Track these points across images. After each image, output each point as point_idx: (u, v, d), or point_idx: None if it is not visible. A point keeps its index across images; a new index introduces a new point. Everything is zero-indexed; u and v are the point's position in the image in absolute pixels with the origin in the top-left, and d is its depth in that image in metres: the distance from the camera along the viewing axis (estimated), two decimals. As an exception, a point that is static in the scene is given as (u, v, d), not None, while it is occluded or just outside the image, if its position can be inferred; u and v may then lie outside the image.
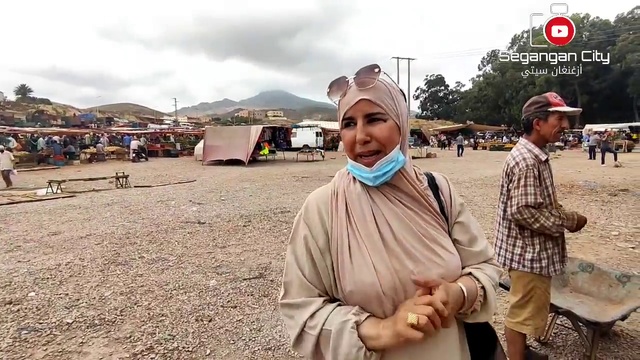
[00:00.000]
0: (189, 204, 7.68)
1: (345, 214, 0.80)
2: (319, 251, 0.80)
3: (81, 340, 2.61)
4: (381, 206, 0.80)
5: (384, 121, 0.76)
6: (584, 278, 2.62)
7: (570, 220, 1.88)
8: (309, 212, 0.83)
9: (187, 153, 24.98)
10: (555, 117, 1.84)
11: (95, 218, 6.53)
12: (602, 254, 4.29)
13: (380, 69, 0.78)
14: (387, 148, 0.77)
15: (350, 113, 0.77)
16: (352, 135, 0.77)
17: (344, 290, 0.77)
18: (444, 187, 0.90)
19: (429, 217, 0.82)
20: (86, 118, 49.30)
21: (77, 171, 15.42)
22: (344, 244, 0.78)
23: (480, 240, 0.89)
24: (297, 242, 0.83)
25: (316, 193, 0.87)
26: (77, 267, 4.07)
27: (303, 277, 0.80)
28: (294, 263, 0.82)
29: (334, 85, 0.81)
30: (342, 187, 0.84)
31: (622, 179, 10.47)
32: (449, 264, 0.79)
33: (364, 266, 0.75)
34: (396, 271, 0.75)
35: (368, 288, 0.74)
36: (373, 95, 0.76)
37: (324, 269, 0.80)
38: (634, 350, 2.39)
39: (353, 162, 0.80)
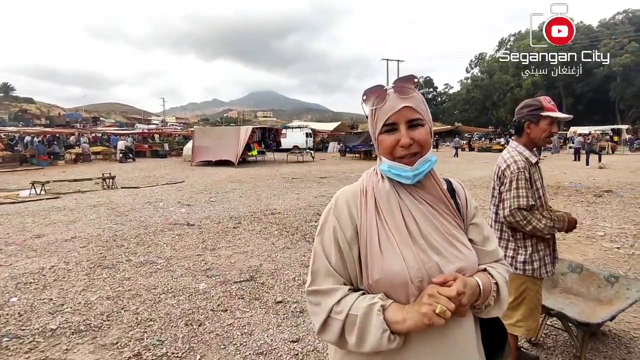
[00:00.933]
0: (177, 206, 7.57)
1: (375, 209, 0.86)
2: (346, 242, 0.86)
3: (66, 347, 2.53)
4: (408, 203, 0.86)
5: (422, 126, 0.85)
6: (574, 279, 2.66)
7: (561, 221, 1.89)
8: (338, 206, 0.89)
9: (176, 154, 24.67)
10: (546, 121, 1.85)
11: (80, 220, 6.38)
12: (589, 254, 4.36)
13: (418, 79, 0.87)
14: (424, 150, 0.85)
15: (393, 119, 0.84)
16: (393, 140, 0.84)
17: (371, 278, 0.82)
18: (460, 191, 0.98)
19: (449, 217, 0.88)
20: (71, 117, 48.36)
21: (61, 172, 15.07)
22: (373, 235, 0.84)
23: (493, 241, 0.96)
24: (326, 233, 0.88)
25: (345, 190, 0.93)
26: (61, 271, 3.96)
27: (329, 266, 0.85)
28: (321, 252, 0.87)
29: (373, 93, 0.87)
30: (371, 185, 0.90)
31: (606, 180, 10.71)
32: (469, 259, 0.86)
33: (393, 256, 0.81)
34: (423, 262, 0.81)
35: (397, 276, 0.80)
36: (413, 103, 0.84)
37: (350, 260, 0.86)
38: (622, 350, 2.43)
39: (392, 163, 0.85)
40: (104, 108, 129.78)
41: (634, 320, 2.79)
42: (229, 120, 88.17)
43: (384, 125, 0.85)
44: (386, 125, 0.85)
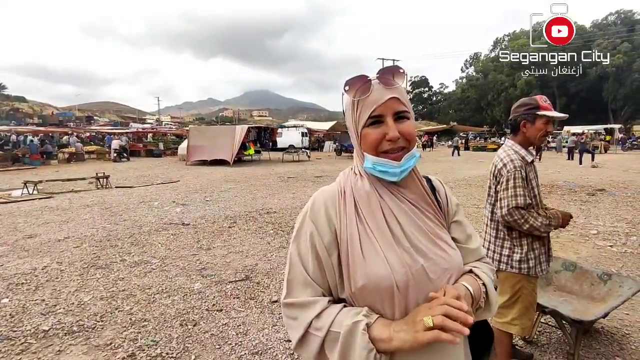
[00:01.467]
0: (172, 205, 7.52)
1: (355, 210, 0.81)
2: (324, 248, 0.80)
3: (58, 348, 2.50)
4: (389, 203, 0.82)
5: (408, 119, 0.81)
6: (567, 277, 2.68)
7: (556, 219, 1.90)
8: (314, 209, 0.84)
9: (171, 153, 24.50)
10: (542, 120, 1.86)
11: (74, 220, 6.32)
12: (582, 252, 4.40)
13: (404, 70, 0.82)
14: (411, 145, 0.81)
15: (379, 111, 0.78)
16: (379, 133, 0.79)
17: (354, 285, 0.77)
18: (440, 189, 0.94)
19: (432, 216, 0.85)
20: (65, 116, 47.89)
21: (54, 171, 14.91)
22: (355, 239, 0.78)
23: (475, 239, 0.93)
24: (302, 239, 0.83)
25: (322, 191, 0.88)
26: (54, 271, 3.91)
27: (307, 275, 0.80)
28: (298, 260, 0.82)
29: (357, 83, 0.80)
30: (350, 185, 0.85)
31: (599, 179, 10.81)
32: (454, 259, 0.82)
33: (377, 259, 0.76)
34: (409, 265, 0.77)
35: (382, 281, 0.75)
36: (400, 94, 0.80)
37: (329, 267, 0.80)
38: (614, 347, 2.45)
39: (377, 159, 0.80)
40: (97, 107, 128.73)
41: (626, 317, 2.81)
42: (225, 120, 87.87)
43: (370, 117, 0.79)
44: (371, 118, 0.79)
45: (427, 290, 0.77)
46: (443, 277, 0.80)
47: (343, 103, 0.86)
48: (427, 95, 69.57)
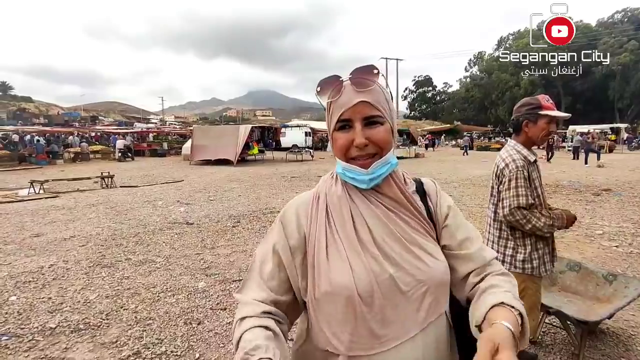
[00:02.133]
0: (176, 205, 7.57)
1: (325, 216, 0.79)
2: (289, 251, 0.79)
3: (65, 346, 2.53)
4: (361, 208, 0.78)
5: (381, 124, 0.75)
6: (572, 277, 2.66)
7: (560, 219, 1.90)
8: (287, 214, 0.83)
9: (175, 153, 24.63)
10: (544, 120, 1.85)
11: (79, 219, 6.37)
12: (588, 252, 4.37)
13: (379, 70, 0.75)
14: (383, 151, 0.75)
15: (347, 115, 0.74)
16: (347, 139, 0.74)
17: (318, 291, 0.74)
18: (431, 192, 0.87)
19: (413, 222, 0.78)
20: (70, 116, 48.27)
21: (60, 171, 15.04)
22: (322, 244, 0.76)
23: (474, 242, 0.82)
24: (268, 241, 0.82)
25: (298, 197, 0.87)
26: (60, 269, 3.95)
27: (260, 278, 0.79)
28: (258, 265, 0.81)
29: (327, 85, 0.76)
30: (324, 190, 0.83)
31: (605, 179, 10.73)
32: (433, 269, 0.75)
33: (341, 266, 0.73)
34: (374, 273, 0.72)
35: (343, 289, 0.71)
36: (371, 98, 0.73)
37: (292, 269, 0.78)
38: (620, 348, 2.44)
39: (345, 165, 0.76)
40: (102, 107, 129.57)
41: (632, 318, 2.80)
42: (228, 119, 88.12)
43: (338, 121, 0.75)
44: (340, 122, 0.75)
45: (398, 303, 0.72)
46: (417, 289, 0.73)
47: (320, 102, 0.82)
48: (430, 94, 69.29)
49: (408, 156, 21.24)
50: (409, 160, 19.63)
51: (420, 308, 0.74)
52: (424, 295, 0.74)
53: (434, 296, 0.75)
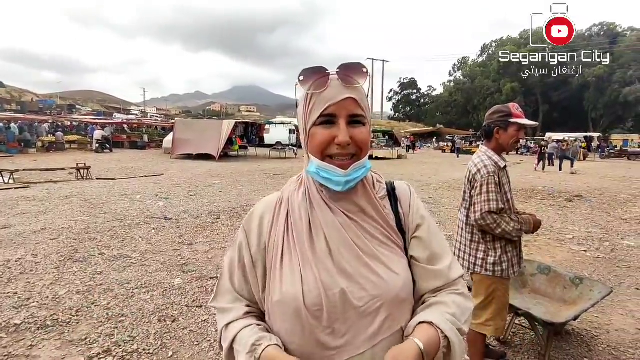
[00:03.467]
0: (155, 199, 7.40)
1: (285, 223, 0.77)
2: (251, 260, 0.78)
3: (31, 343, 2.43)
4: (321, 216, 0.74)
5: (363, 125, 0.72)
6: (542, 280, 2.76)
7: (528, 224, 1.97)
8: (251, 219, 0.82)
9: (155, 145, 24.09)
10: (514, 128, 1.92)
11: (51, 211, 6.15)
12: (558, 256, 4.54)
13: (368, 70, 0.73)
14: (362, 153, 0.72)
15: (333, 110, 0.70)
16: (329, 135, 0.70)
17: (271, 301, 0.74)
18: (404, 199, 0.82)
19: (375, 231, 0.75)
20: (45, 104, 46.46)
21: (32, 160, 14.47)
22: (278, 253, 0.75)
23: (444, 259, 0.79)
24: (235, 250, 0.82)
25: (263, 200, 0.85)
26: (28, 263, 3.80)
27: (231, 287, 0.81)
28: (227, 270, 0.82)
29: (311, 75, 0.71)
30: (287, 195, 0.81)
31: (577, 185, 11.15)
32: (389, 284, 0.71)
33: (291, 277, 0.72)
34: (325, 286, 0.70)
35: (292, 299, 0.70)
36: (358, 96, 0.71)
37: (254, 280, 0.78)
38: (583, 348, 2.55)
39: (321, 163, 0.71)
40: (80, 95, 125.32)
41: (595, 320, 2.92)
42: (212, 114, 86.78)
43: (321, 116, 0.70)
44: (323, 116, 0.70)
45: (349, 318, 0.70)
46: (371, 305, 0.70)
47: (296, 94, 0.76)
48: (415, 97, 70.32)
49: (391, 157, 21.47)
50: (391, 161, 19.85)
51: (372, 324, 0.71)
52: (378, 311, 0.71)
53: (389, 312, 0.71)
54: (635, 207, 7.85)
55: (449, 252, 0.81)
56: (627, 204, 8.13)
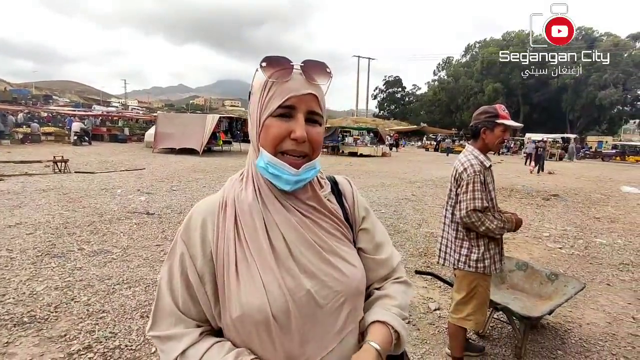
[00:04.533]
0: (136, 193, 7.25)
1: (234, 227, 0.70)
2: (196, 274, 0.69)
3: (6, 340, 2.36)
4: (275, 215, 0.70)
5: (319, 125, 0.70)
6: (519, 276, 2.86)
7: (510, 222, 2.03)
8: (189, 227, 0.72)
9: (137, 139, 23.51)
10: (500, 128, 1.98)
11: (27, 205, 5.94)
12: (535, 253, 4.70)
13: (331, 71, 0.71)
14: (314, 154, 0.71)
15: (293, 102, 0.67)
16: (285, 129, 0.67)
17: (230, 316, 0.67)
18: (347, 192, 0.83)
19: (330, 227, 0.74)
20: (20, 94, 44.64)
21: (6, 152, 13.91)
22: (231, 261, 0.68)
23: (386, 247, 0.84)
24: (174, 262, 0.71)
25: (201, 204, 0.76)
26: (3, 259, 3.68)
27: (175, 308, 0.70)
28: (166, 289, 0.71)
29: (277, 64, 0.67)
30: (232, 196, 0.73)
31: (554, 185, 11.52)
32: (350, 278, 0.72)
33: (252, 286, 0.66)
34: (289, 290, 0.67)
35: (256, 311, 0.65)
36: (319, 94, 0.70)
37: (204, 297, 0.69)
38: (557, 341, 2.66)
39: (272, 158, 0.67)
40: (57, 86, 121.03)
41: (569, 314, 3.05)
42: (195, 107, 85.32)
43: (280, 107, 0.67)
44: (282, 108, 0.67)
45: (316, 319, 0.69)
46: (335, 301, 0.70)
47: (253, 81, 0.72)
48: (400, 95, 70.89)
49: (375, 154, 21.64)
50: (375, 158, 20.01)
51: (337, 320, 0.71)
52: (342, 306, 0.71)
53: (352, 306, 0.73)
54: (607, 206, 8.19)
55: (388, 239, 0.86)
56: (600, 203, 8.47)
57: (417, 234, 5.25)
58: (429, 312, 3.03)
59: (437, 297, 3.31)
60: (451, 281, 2.53)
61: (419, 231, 5.41)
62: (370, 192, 8.59)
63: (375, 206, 7.02)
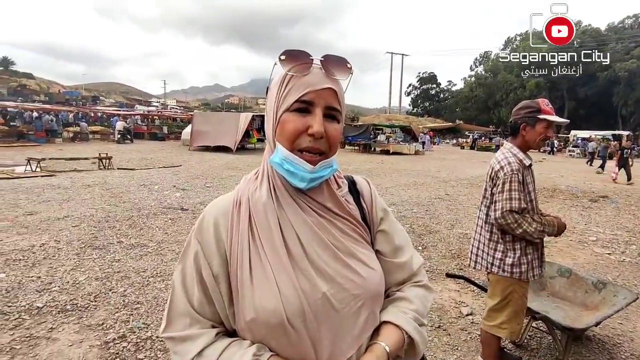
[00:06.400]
0: (172, 189, 7.54)
1: (248, 227, 0.68)
2: (211, 274, 0.68)
3: (51, 326, 2.52)
4: (290, 215, 0.68)
5: (337, 122, 0.68)
6: (562, 283, 2.66)
7: (551, 226, 1.88)
8: (203, 227, 0.71)
9: (174, 137, 24.52)
10: (543, 124, 1.83)
11: (74, 199, 6.35)
12: (580, 259, 4.38)
13: (352, 66, 0.69)
14: (331, 151, 0.68)
15: (311, 97, 0.65)
16: (303, 124, 0.65)
17: (244, 319, 0.65)
18: (365, 192, 0.80)
19: (347, 228, 0.72)
20: (71, 95, 47.94)
21: (58, 150, 14.97)
22: (245, 262, 0.66)
23: (406, 250, 0.80)
24: (187, 262, 0.71)
25: (215, 202, 0.75)
26: (52, 249, 3.94)
27: (190, 308, 0.68)
28: (180, 288, 0.70)
29: (296, 58, 0.66)
30: (247, 194, 0.71)
31: (603, 185, 10.73)
32: (368, 281, 0.70)
33: (266, 288, 0.64)
34: (305, 293, 0.64)
35: (270, 315, 0.63)
36: (338, 89, 0.68)
37: (218, 297, 0.68)
38: (604, 356, 2.45)
39: (289, 154, 0.65)
40: (104, 87, 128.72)
41: (619, 327, 2.81)
42: (230, 106, 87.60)
43: (297, 102, 0.65)
44: (300, 102, 0.65)
45: (333, 323, 0.66)
46: (352, 305, 0.68)
47: (271, 75, 0.71)
48: (434, 92, 69.00)
49: (408, 153, 21.20)
50: (408, 157, 19.59)
51: (355, 324, 0.68)
52: (360, 310, 0.69)
53: (370, 310, 0.70)
54: (665, 209, 7.50)
55: (409, 242, 0.83)
56: (657, 206, 7.77)
57: (450, 235, 5.06)
58: (461, 317, 2.90)
59: (470, 302, 3.17)
60: (485, 286, 2.41)
61: (452, 232, 5.22)
62: (402, 191, 8.41)
63: (407, 205, 6.86)
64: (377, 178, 10.47)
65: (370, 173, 11.45)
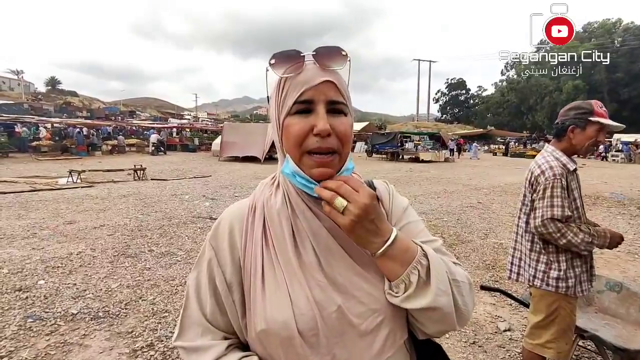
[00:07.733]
0: (202, 199, 7.71)
1: (262, 234, 0.65)
2: (224, 282, 0.65)
3: (84, 332, 2.59)
4: (305, 223, 0.64)
5: (345, 115, 0.62)
6: (611, 298, 2.43)
7: (602, 237, 1.69)
8: (218, 233, 0.69)
9: (205, 148, 25.31)
10: (594, 128, 1.67)
11: (110, 209, 6.62)
12: (630, 271, 4.03)
13: (347, 53, 0.63)
14: (344, 148, 0.62)
15: (309, 95, 0.60)
16: (306, 124, 0.59)
17: (255, 329, 0.62)
18: (384, 197, 0.74)
19: None
20: (110, 111, 50.76)
21: (98, 162, 15.79)
22: (258, 270, 0.63)
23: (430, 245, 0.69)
24: (202, 269, 0.68)
25: (231, 208, 0.72)
26: (87, 257, 4.10)
27: (203, 317, 0.66)
28: (194, 297, 0.68)
29: (284, 59, 0.62)
30: (262, 200, 0.68)
31: (652, 192, 9.95)
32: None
33: (277, 298, 0.61)
34: (318, 305, 0.60)
35: (281, 327, 0.59)
36: (337, 81, 0.62)
37: (231, 307, 0.65)
38: (665, 380, 2.20)
39: (298, 170, 0.61)
40: (140, 102, 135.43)
41: (680, 348, 2.52)
42: (259, 117, 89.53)
43: (296, 103, 0.60)
44: (299, 103, 0.60)
45: (349, 340, 0.61)
46: (371, 320, 0.62)
47: (267, 84, 0.66)
48: (463, 97, 67.46)
49: (437, 160, 20.71)
50: (438, 164, 19.12)
51: (374, 343, 0.62)
52: (379, 326, 0.62)
53: (390, 327, 0.63)
54: None
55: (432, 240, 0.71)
56: None
57: (484, 245, 4.82)
58: (498, 333, 2.72)
59: (507, 316, 2.97)
60: (524, 300, 2.23)
61: (485, 242, 4.97)
62: (432, 200, 8.17)
63: (437, 214, 6.64)
64: (406, 186, 10.25)
65: (398, 181, 11.24)
